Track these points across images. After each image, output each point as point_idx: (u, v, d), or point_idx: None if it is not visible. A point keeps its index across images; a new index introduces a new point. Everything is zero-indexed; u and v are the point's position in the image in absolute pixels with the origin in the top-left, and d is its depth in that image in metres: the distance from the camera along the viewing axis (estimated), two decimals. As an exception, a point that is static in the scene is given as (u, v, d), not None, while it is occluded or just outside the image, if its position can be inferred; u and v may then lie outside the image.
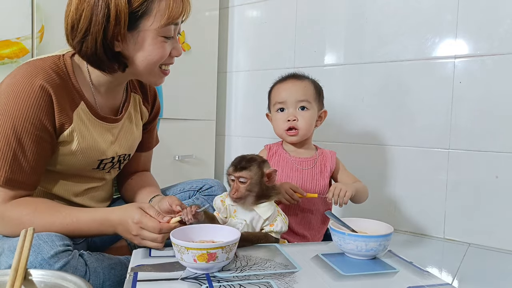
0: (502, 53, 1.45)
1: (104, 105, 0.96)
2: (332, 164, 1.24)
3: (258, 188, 0.89)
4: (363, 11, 1.73)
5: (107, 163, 0.99)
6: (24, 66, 0.85)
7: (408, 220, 1.65)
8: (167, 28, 0.85)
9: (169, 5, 0.83)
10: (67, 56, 0.90)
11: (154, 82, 0.95)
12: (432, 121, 1.59)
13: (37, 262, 0.71)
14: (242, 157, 0.93)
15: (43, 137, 0.83)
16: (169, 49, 0.89)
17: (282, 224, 0.92)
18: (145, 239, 0.82)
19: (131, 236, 0.83)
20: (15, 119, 0.79)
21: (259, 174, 0.90)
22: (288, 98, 1.20)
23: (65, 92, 0.86)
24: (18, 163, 0.81)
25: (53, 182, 0.93)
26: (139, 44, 0.85)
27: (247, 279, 0.69)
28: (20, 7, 1.24)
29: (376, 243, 0.79)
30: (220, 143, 2.20)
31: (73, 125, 0.87)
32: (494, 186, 1.47)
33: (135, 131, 1.05)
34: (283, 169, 1.21)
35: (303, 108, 1.20)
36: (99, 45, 0.82)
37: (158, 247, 0.82)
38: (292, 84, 1.23)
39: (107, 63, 0.86)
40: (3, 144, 0.80)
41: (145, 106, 1.09)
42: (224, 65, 2.18)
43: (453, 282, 1.16)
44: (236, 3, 2.12)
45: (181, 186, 1.18)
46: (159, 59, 0.88)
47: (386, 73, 1.68)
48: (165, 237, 0.82)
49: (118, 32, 0.81)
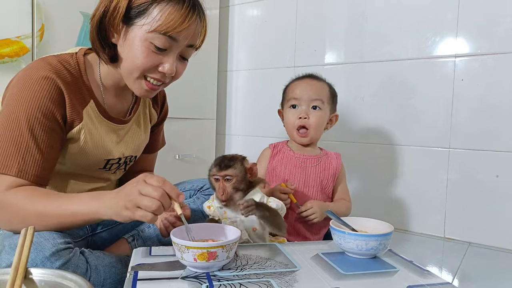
0: (502, 52, 1.44)
1: (113, 105, 0.96)
2: (338, 164, 1.25)
3: (243, 185, 0.92)
4: (364, 10, 1.72)
5: (113, 163, 0.99)
6: (37, 61, 0.86)
7: (409, 219, 1.65)
8: (157, 36, 0.82)
9: (168, 15, 0.82)
10: (80, 54, 0.90)
11: (136, 91, 0.90)
12: (432, 120, 1.59)
13: (38, 259, 0.71)
14: (223, 157, 0.96)
15: (55, 128, 0.83)
16: (157, 61, 0.85)
17: (277, 202, 0.95)
18: (145, 196, 0.71)
19: (125, 196, 0.73)
20: (27, 110, 0.80)
21: (243, 171, 0.93)
22: (302, 96, 1.21)
23: (76, 89, 0.86)
24: (31, 154, 0.80)
25: (59, 181, 0.93)
26: (128, 41, 0.85)
27: (247, 278, 0.69)
28: (20, 6, 1.24)
29: (376, 242, 0.79)
30: (220, 142, 2.20)
31: (83, 122, 0.87)
32: (494, 185, 1.47)
33: (143, 133, 1.06)
34: (286, 166, 1.22)
35: (315, 107, 1.21)
36: (95, 26, 0.85)
37: (153, 209, 0.70)
38: (308, 83, 1.24)
39: (100, 49, 0.87)
40: (16, 135, 0.80)
41: (155, 108, 1.09)
42: (224, 64, 2.18)
43: (454, 281, 1.16)
44: (237, 2, 2.12)
45: (182, 185, 1.18)
46: (141, 64, 0.84)
47: (386, 72, 1.68)
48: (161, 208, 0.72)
49: (113, 20, 0.83)
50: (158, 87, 0.90)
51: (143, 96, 0.93)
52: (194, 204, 1.12)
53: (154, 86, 0.89)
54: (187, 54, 0.91)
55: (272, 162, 1.24)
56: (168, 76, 0.89)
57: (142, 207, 0.71)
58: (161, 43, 0.83)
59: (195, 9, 0.86)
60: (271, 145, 1.29)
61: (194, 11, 0.85)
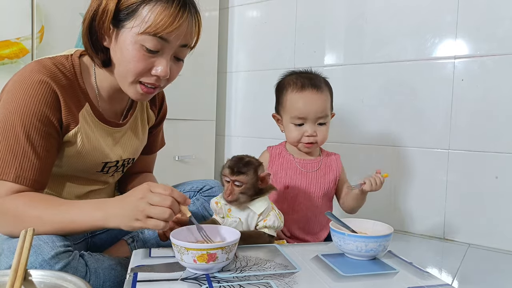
0: (501, 53, 1.45)
1: (109, 108, 0.96)
2: (338, 167, 1.22)
3: (251, 191, 0.90)
4: (363, 11, 1.73)
5: (111, 166, 0.98)
6: (32, 64, 0.85)
7: (408, 220, 1.65)
8: (148, 38, 0.80)
9: (157, 15, 0.80)
10: (75, 56, 0.89)
11: (131, 95, 0.88)
12: (432, 122, 1.59)
13: (37, 262, 0.70)
14: (239, 159, 0.91)
15: (51, 133, 0.83)
16: (150, 63, 0.83)
17: (275, 219, 0.92)
18: (155, 206, 0.72)
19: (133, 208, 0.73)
20: (23, 114, 0.79)
21: (255, 179, 0.90)
22: (307, 114, 1.14)
23: (71, 92, 0.86)
24: (28, 159, 0.80)
25: (56, 183, 0.92)
26: (119, 45, 0.83)
27: (247, 280, 0.69)
28: (20, 7, 1.24)
29: (376, 244, 0.79)
30: (220, 144, 2.20)
31: (79, 125, 0.87)
32: (494, 187, 1.47)
33: (141, 135, 1.05)
34: (286, 172, 1.19)
35: (322, 124, 1.16)
36: (86, 30, 0.84)
37: (165, 218, 0.72)
38: (312, 97, 1.14)
39: (93, 54, 0.86)
40: (12, 140, 0.79)
41: (152, 110, 1.08)
42: (224, 66, 2.18)
43: (453, 282, 1.16)
44: (236, 3, 2.12)
45: (182, 187, 1.18)
46: (134, 68, 0.83)
47: (386, 74, 1.68)
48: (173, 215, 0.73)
49: (103, 24, 0.82)
50: (153, 90, 0.88)
51: (139, 100, 0.92)
52: (194, 206, 1.12)
53: (149, 89, 0.87)
54: (182, 55, 0.89)
55: (273, 167, 1.21)
56: (163, 78, 0.86)
57: (154, 216, 0.72)
58: (152, 45, 0.81)
59: (185, 7, 0.83)
60: (269, 148, 1.25)
61: (184, 10, 0.83)
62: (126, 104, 1.01)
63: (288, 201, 1.18)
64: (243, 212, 0.91)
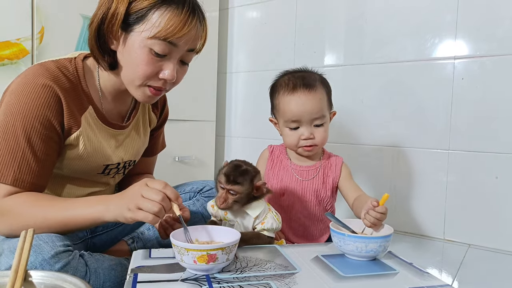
0: (501, 54, 1.45)
1: (111, 111, 0.96)
2: (336, 174, 1.16)
3: (245, 200, 0.89)
4: (363, 11, 1.73)
5: (112, 168, 0.99)
6: (35, 66, 0.85)
7: (408, 221, 1.65)
8: (157, 42, 0.81)
9: (167, 20, 0.81)
10: (78, 59, 0.90)
11: (139, 98, 0.90)
12: (432, 122, 1.59)
13: (37, 262, 0.71)
14: (235, 167, 0.89)
15: (52, 136, 0.83)
16: (157, 67, 0.85)
17: (273, 221, 0.91)
18: (146, 199, 0.74)
19: (128, 199, 0.76)
20: (24, 118, 0.79)
21: (250, 189, 0.88)
22: (301, 117, 1.08)
23: (74, 95, 0.86)
24: (27, 162, 0.80)
25: (56, 185, 0.93)
26: (128, 48, 0.84)
27: (247, 280, 0.69)
28: (20, 8, 1.24)
29: (376, 244, 0.79)
30: (220, 144, 2.20)
31: (81, 129, 0.87)
32: (494, 187, 1.47)
33: (142, 137, 1.05)
34: (282, 178, 1.16)
35: (318, 125, 1.10)
36: (94, 33, 0.84)
37: (155, 211, 0.74)
38: (304, 97, 1.08)
39: (99, 56, 0.86)
40: (12, 143, 0.80)
41: (154, 112, 1.09)
42: (224, 66, 2.18)
43: (453, 283, 1.16)
44: (236, 4, 2.13)
45: (182, 187, 1.18)
46: (142, 71, 0.84)
47: (385, 74, 1.68)
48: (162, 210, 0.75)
49: (112, 27, 0.82)
50: (160, 92, 0.90)
51: (145, 102, 0.93)
52: (194, 206, 1.12)
53: (157, 91, 0.89)
54: (188, 59, 0.90)
55: (268, 173, 1.18)
56: (169, 82, 0.88)
57: (144, 208, 0.74)
58: (161, 49, 0.82)
59: (195, 13, 0.85)
60: (269, 146, 1.23)
61: (194, 16, 0.84)
62: (129, 106, 1.01)
63: (284, 210, 1.15)
64: (239, 214, 0.91)
